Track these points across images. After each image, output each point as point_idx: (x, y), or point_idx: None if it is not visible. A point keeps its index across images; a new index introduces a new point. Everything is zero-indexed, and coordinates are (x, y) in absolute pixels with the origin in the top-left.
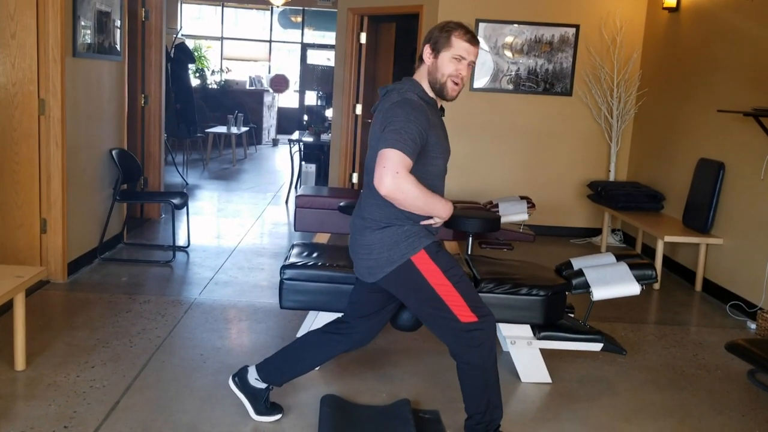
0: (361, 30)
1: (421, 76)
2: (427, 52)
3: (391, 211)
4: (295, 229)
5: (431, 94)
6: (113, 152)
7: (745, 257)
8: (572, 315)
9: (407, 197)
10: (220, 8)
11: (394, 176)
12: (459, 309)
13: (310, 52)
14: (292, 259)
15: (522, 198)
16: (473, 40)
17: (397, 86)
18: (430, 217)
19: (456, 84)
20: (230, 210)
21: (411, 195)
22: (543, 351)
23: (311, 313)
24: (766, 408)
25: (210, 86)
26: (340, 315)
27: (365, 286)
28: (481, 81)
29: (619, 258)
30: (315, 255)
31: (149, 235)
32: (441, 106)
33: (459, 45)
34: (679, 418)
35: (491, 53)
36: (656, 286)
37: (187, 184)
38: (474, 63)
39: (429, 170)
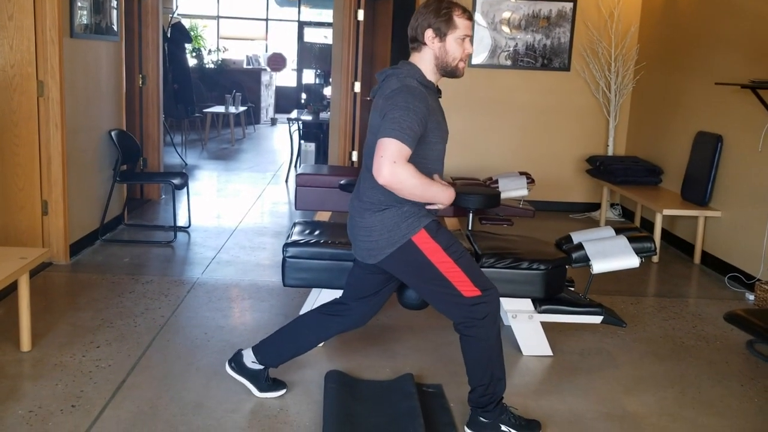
0: (359, 7)
1: (420, 60)
2: (429, 36)
3: (389, 193)
4: (296, 208)
5: (429, 77)
6: (112, 133)
7: (743, 229)
8: (572, 288)
9: (405, 186)
10: None
11: (391, 166)
12: (462, 284)
13: (307, 30)
14: (295, 237)
15: (521, 174)
16: (470, 16)
17: (395, 71)
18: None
19: (465, 62)
20: (230, 190)
21: (409, 184)
22: (544, 324)
23: (314, 291)
24: (765, 377)
25: (207, 66)
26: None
27: (364, 267)
28: (479, 57)
29: (619, 231)
30: (317, 233)
31: (149, 215)
32: (438, 88)
33: (462, 24)
34: (680, 388)
35: (489, 29)
36: (655, 259)
37: (186, 164)
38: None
39: (428, 154)
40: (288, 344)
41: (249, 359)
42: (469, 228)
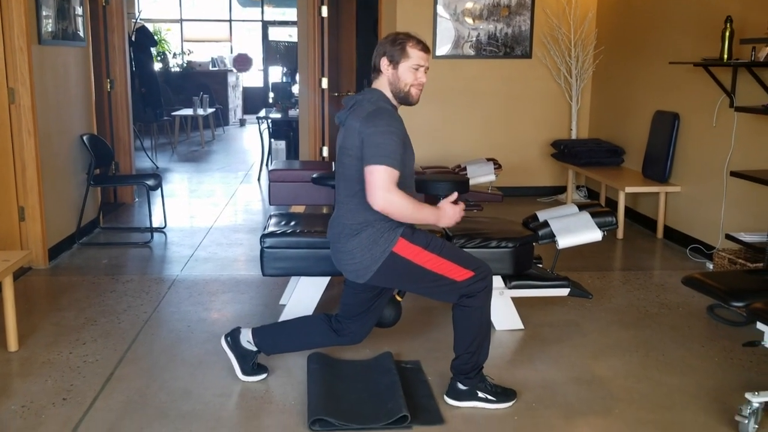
0: (322, 4)
1: (382, 86)
2: (385, 64)
3: (363, 215)
4: (270, 203)
5: (393, 101)
6: (84, 137)
7: (701, 202)
8: (541, 265)
9: (398, 210)
10: None
11: (385, 193)
12: (453, 272)
13: (271, 30)
14: (271, 228)
15: (489, 160)
16: (426, 49)
17: (365, 96)
18: None
19: (418, 89)
20: (203, 190)
21: (402, 207)
22: (514, 299)
23: (292, 279)
24: (724, 338)
25: (172, 69)
26: (322, 278)
27: (353, 287)
28: (443, 48)
29: (582, 208)
30: (293, 223)
31: (124, 218)
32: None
33: (415, 54)
34: (644, 352)
35: (452, 20)
36: (620, 235)
37: (157, 167)
38: (428, 68)
39: (403, 171)
40: (286, 338)
41: (245, 338)
42: None
